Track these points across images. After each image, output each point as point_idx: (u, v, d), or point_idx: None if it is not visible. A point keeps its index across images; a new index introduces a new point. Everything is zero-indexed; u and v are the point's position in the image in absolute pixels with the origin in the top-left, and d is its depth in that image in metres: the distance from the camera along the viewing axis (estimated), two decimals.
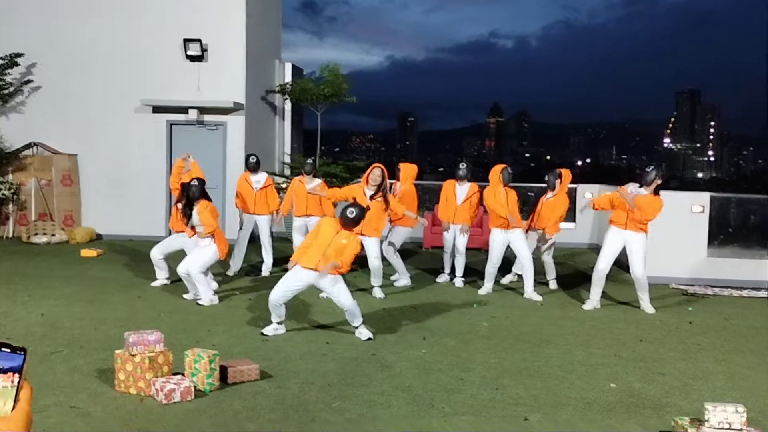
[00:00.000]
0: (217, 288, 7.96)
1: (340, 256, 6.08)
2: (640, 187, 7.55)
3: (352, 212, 6.25)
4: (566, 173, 9.09)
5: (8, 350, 1.20)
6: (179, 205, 7.96)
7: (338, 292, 6.21)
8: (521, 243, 8.28)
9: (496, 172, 8.33)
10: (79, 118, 12.41)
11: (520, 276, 9.04)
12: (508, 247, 8.40)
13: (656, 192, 7.50)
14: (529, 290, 8.26)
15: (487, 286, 8.50)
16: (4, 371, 1.18)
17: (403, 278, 8.83)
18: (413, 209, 8.77)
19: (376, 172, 7.89)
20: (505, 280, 9.12)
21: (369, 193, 7.82)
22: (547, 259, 8.88)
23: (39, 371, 4.99)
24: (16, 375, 1.19)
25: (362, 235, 7.61)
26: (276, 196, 9.47)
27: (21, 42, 12.22)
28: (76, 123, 12.42)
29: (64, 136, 12.41)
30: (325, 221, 6.50)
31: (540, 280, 8.76)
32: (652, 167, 7.72)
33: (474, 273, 9.32)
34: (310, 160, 9.47)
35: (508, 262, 9.00)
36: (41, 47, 12.34)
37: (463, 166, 9.09)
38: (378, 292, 8.06)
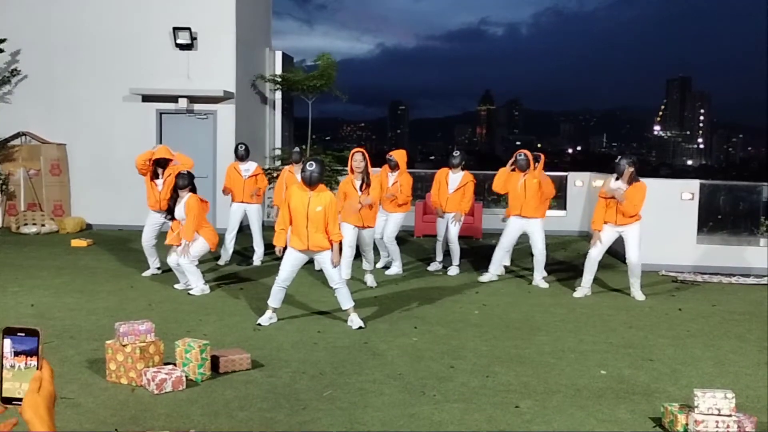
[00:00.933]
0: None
1: (324, 226, 6.08)
2: (617, 179, 7.58)
3: (312, 165, 6.07)
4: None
5: (23, 334, 1.26)
6: (157, 182, 7.92)
7: (331, 265, 6.22)
8: (537, 233, 8.22)
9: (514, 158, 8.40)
10: (67, 108, 12.33)
11: (505, 267, 9.09)
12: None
13: (635, 180, 7.53)
14: (538, 277, 8.34)
15: (492, 272, 8.46)
16: (18, 354, 1.24)
17: (395, 266, 8.83)
18: (410, 195, 8.84)
19: (357, 157, 7.39)
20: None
21: (358, 183, 7.43)
22: None
23: None
24: (33, 358, 1.24)
25: (364, 227, 7.49)
26: (265, 184, 9.46)
27: (6, 29, 12.10)
28: (65, 112, 12.34)
29: (52, 126, 12.33)
30: (290, 196, 6.22)
31: (526, 266, 8.77)
32: (619, 157, 7.78)
33: (466, 261, 9.33)
34: (297, 149, 9.42)
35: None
36: (28, 35, 12.23)
37: (457, 153, 9.02)
38: (370, 280, 8.02)
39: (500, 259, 8.47)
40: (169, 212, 7.54)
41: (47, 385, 1.24)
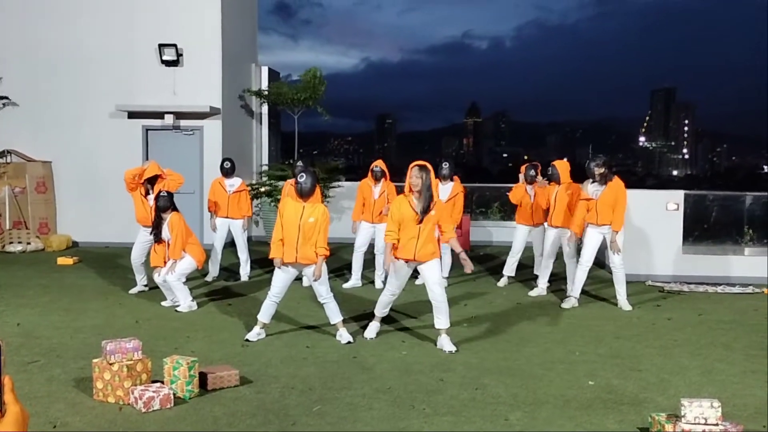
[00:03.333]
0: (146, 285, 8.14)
1: (314, 238, 6.06)
2: (593, 182, 7.71)
3: (302, 177, 6.09)
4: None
5: None
6: (149, 198, 7.87)
7: (319, 281, 6.21)
8: (549, 242, 8.28)
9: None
10: (53, 125, 12.28)
11: (512, 278, 9.14)
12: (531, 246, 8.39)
13: (608, 179, 7.64)
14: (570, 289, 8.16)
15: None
16: None
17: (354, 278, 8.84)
18: None
19: (414, 172, 5.92)
20: (501, 282, 9.15)
21: (419, 206, 5.93)
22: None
23: (16, 382, 4.91)
24: None
25: (417, 261, 6.02)
26: (249, 202, 9.41)
27: None
28: (51, 130, 12.29)
29: (38, 143, 12.28)
30: (283, 207, 6.21)
31: (521, 279, 8.79)
32: (587, 161, 7.91)
33: (455, 274, 9.35)
34: (300, 163, 9.31)
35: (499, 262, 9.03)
36: (12, 52, 12.20)
37: (446, 165, 9.04)
38: (447, 344, 6.04)
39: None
40: (155, 234, 7.50)
41: (13, 408, 1.14)
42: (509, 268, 9.16)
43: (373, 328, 6.43)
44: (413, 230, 5.90)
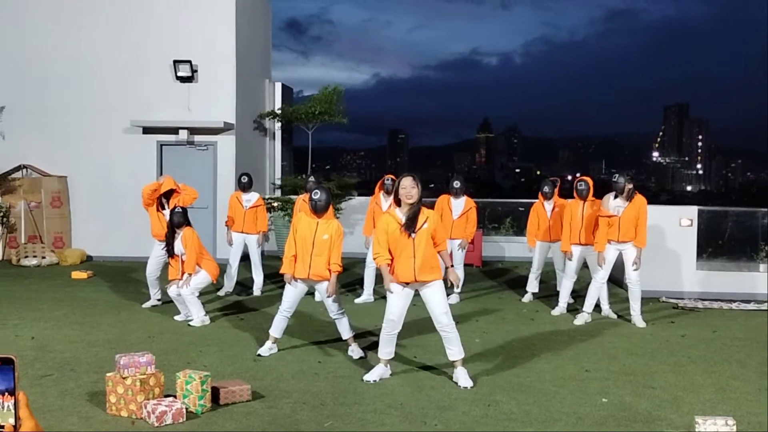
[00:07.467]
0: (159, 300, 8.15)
1: (328, 255, 6.05)
2: (616, 197, 7.65)
3: (317, 194, 6.08)
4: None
5: None
6: (164, 212, 7.91)
7: (332, 297, 6.21)
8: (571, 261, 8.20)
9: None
10: (69, 140, 12.42)
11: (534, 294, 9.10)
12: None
13: (632, 195, 7.60)
14: (575, 307, 8.13)
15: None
16: (1, 392, 1.16)
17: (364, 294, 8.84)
18: None
19: (406, 183, 5.42)
20: (525, 298, 9.10)
21: (404, 218, 5.39)
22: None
23: (29, 395, 4.94)
24: (11, 396, 1.16)
25: (417, 282, 5.45)
26: (266, 217, 9.45)
27: (7, 62, 12.26)
28: (66, 145, 12.43)
29: (53, 158, 12.41)
30: (297, 223, 6.20)
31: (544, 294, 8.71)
32: (617, 175, 7.81)
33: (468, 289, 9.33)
34: (312, 178, 9.26)
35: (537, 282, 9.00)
36: (27, 67, 12.37)
37: (457, 180, 9.05)
38: (463, 378, 5.47)
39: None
40: (168, 249, 7.54)
41: (28, 423, 1.17)
42: (532, 285, 9.13)
43: (377, 372, 5.61)
44: (407, 247, 5.32)
